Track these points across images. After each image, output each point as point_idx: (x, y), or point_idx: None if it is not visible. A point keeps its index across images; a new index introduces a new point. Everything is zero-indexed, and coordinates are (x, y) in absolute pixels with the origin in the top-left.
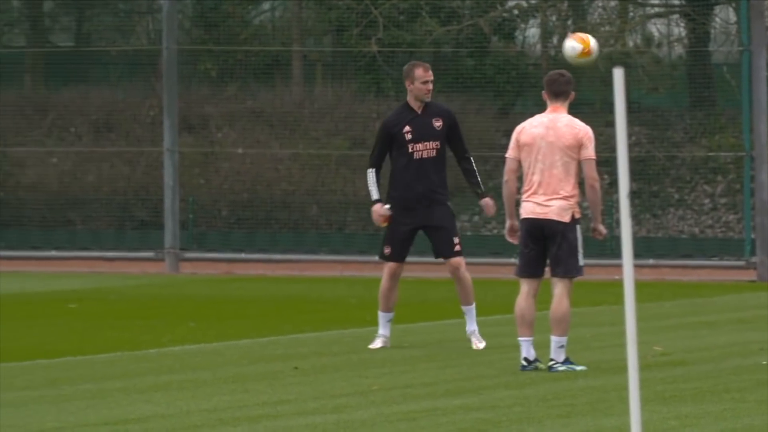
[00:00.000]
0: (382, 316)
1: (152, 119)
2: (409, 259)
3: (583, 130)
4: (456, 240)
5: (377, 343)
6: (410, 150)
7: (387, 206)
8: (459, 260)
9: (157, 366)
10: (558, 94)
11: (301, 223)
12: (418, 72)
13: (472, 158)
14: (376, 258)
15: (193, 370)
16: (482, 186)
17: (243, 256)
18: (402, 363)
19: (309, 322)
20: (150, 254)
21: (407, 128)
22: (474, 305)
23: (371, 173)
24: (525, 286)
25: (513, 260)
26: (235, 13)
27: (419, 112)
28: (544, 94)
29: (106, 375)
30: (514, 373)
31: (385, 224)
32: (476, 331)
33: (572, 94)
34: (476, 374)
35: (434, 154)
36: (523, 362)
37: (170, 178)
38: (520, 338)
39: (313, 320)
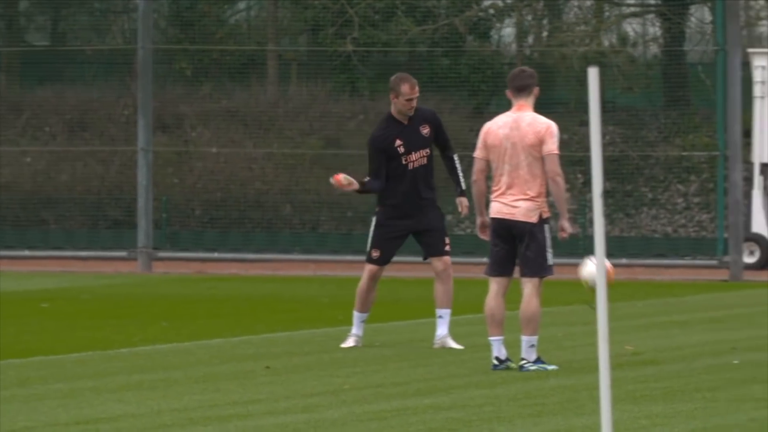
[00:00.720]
0: (357, 316)
1: (127, 118)
2: None
3: (544, 125)
4: (447, 240)
5: (349, 342)
6: (404, 162)
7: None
8: (449, 259)
9: (129, 365)
10: (521, 89)
11: (275, 223)
12: (404, 88)
13: (455, 156)
14: (349, 257)
15: (164, 370)
16: (463, 185)
17: (216, 255)
18: (373, 362)
19: (281, 322)
20: (123, 254)
21: (398, 141)
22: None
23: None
24: (494, 285)
25: (486, 259)
26: (211, 13)
27: (406, 123)
28: (508, 93)
29: (78, 374)
30: (485, 372)
31: (348, 187)
32: (449, 336)
33: (536, 89)
34: (447, 373)
35: (425, 161)
36: (495, 361)
37: (144, 177)
38: (490, 338)
39: (285, 320)
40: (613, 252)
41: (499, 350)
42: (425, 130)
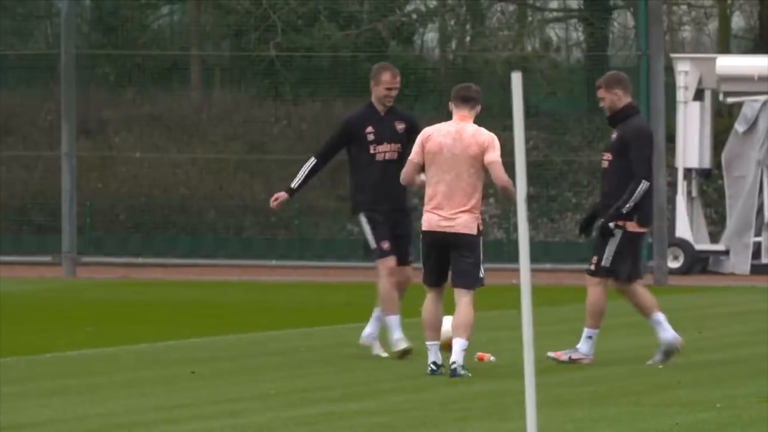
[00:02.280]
0: (392, 320)
1: (50, 123)
2: (306, 263)
3: (488, 136)
4: (411, 249)
5: (401, 345)
6: (372, 151)
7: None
8: (410, 271)
9: (54, 371)
10: (465, 100)
11: (199, 228)
12: (385, 77)
13: None
14: (273, 262)
15: (90, 375)
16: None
17: (140, 260)
18: (299, 367)
19: (206, 327)
20: (47, 259)
21: (370, 128)
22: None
23: (311, 161)
24: (431, 292)
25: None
26: (134, 18)
27: (383, 114)
28: (451, 104)
29: (2, 380)
30: (411, 377)
31: (276, 208)
32: (377, 340)
33: (479, 107)
34: (373, 378)
35: (396, 156)
36: (432, 366)
37: (68, 182)
38: (427, 342)
39: (210, 324)
40: (538, 257)
41: (436, 355)
42: (400, 126)
